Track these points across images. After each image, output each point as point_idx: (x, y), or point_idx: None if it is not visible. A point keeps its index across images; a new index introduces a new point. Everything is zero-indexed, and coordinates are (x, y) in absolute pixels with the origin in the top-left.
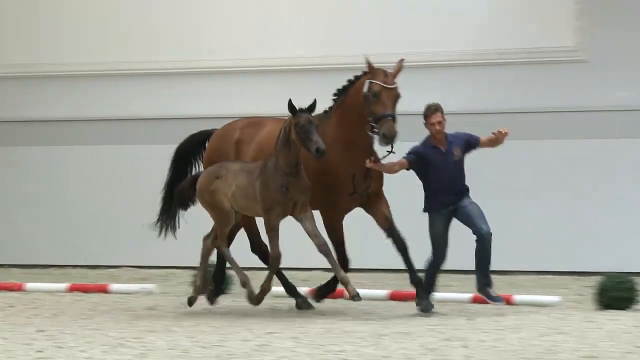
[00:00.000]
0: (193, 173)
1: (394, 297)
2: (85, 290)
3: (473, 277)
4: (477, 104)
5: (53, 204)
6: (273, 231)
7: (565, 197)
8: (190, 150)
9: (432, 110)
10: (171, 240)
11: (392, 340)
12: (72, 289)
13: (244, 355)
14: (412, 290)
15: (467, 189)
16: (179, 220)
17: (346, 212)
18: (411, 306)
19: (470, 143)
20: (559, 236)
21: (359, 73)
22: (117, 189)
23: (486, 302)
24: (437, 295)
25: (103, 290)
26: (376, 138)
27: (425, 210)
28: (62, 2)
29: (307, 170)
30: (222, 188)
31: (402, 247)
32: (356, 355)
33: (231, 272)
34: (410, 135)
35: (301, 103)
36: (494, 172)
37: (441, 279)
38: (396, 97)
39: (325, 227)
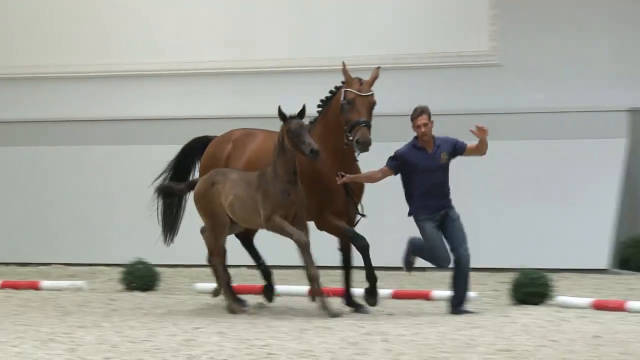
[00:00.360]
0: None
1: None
2: (16, 287)
3: (393, 273)
4: (397, 107)
5: None
6: (282, 228)
7: (480, 197)
8: (192, 155)
9: (417, 113)
10: (99, 238)
11: (314, 334)
12: (4, 286)
13: (171, 349)
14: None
15: (450, 196)
16: (179, 223)
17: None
18: (334, 301)
19: (457, 149)
20: (475, 234)
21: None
22: (48, 188)
23: (405, 298)
24: (355, 290)
25: (34, 287)
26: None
27: (411, 214)
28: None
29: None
30: (219, 196)
31: (362, 254)
32: (280, 349)
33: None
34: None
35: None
36: None
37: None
38: (371, 104)
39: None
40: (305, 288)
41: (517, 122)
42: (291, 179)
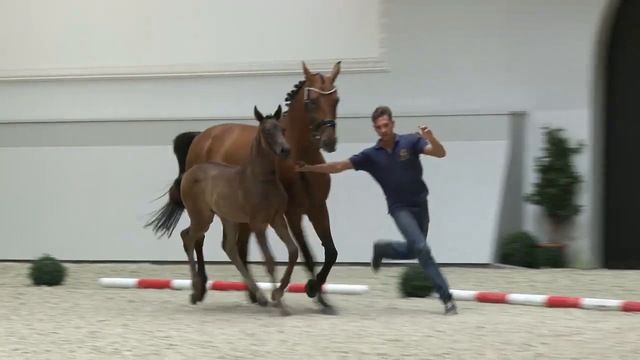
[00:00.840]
0: None
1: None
2: None
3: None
4: None
5: None
6: (260, 237)
7: (369, 196)
8: (179, 152)
9: (377, 113)
10: (8, 235)
11: (214, 326)
12: None
13: (77, 341)
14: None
15: (426, 190)
16: (175, 220)
17: (303, 213)
18: (232, 295)
19: (416, 146)
20: (366, 231)
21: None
22: None
23: (300, 292)
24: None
25: None
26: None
27: (389, 212)
28: None
29: None
30: (202, 194)
31: (329, 260)
32: (181, 340)
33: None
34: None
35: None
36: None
37: (256, 269)
38: (334, 101)
39: (289, 227)
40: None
41: (407, 125)
42: (269, 179)
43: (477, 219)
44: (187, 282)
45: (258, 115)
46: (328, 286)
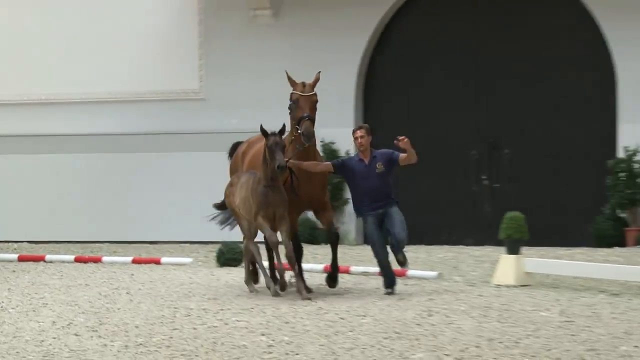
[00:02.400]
0: None
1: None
2: None
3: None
4: (129, 129)
5: None
6: (260, 226)
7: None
8: (231, 157)
9: (357, 127)
10: None
11: (77, 290)
12: None
13: None
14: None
15: (393, 198)
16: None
17: (300, 211)
18: (93, 266)
19: (392, 159)
20: (190, 215)
21: None
22: None
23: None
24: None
25: None
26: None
27: (355, 212)
28: None
29: None
30: (233, 197)
31: (333, 248)
32: (52, 300)
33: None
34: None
35: None
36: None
37: (109, 247)
38: (313, 102)
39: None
40: None
41: (220, 140)
42: (269, 184)
43: None
44: (56, 256)
45: (263, 132)
46: (163, 259)
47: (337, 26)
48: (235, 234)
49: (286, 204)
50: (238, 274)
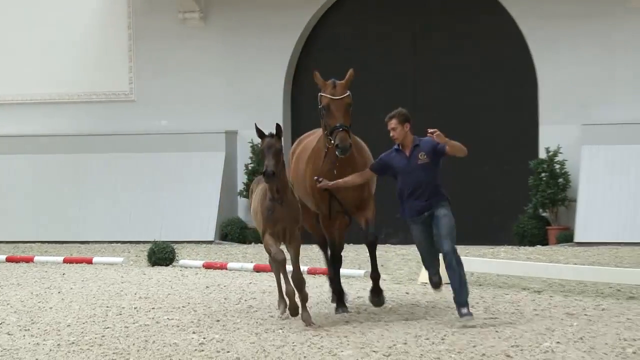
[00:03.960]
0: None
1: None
2: None
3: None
4: (60, 130)
5: None
6: (266, 244)
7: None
8: None
9: (388, 118)
10: None
11: (9, 289)
12: None
13: None
14: None
15: (442, 195)
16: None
17: (331, 217)
18: (25, 266)
19: (436, 149)
20: (120, 214)
21: None
22: None
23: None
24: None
25: None
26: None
27: (400, 215)
28: None
29: None
30: (251, 205)
31: (371, 251)
32: None
33: None
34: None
35: None
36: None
37: (40, 247)
38: (345, 106)
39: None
40: None
41: (150, 141)
42: (275, 197)
43: (204, 207)
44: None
45: (259, 133)
46: (95, 259)
47: (265, 28)
48: (167, 233)
49: (295, 220)
50: (169, 273)
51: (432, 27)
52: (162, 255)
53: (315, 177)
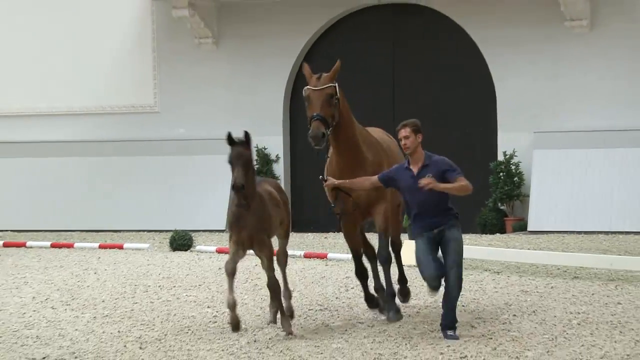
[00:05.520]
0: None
1: None
2: None
3: None
4: (96, 136)
5: None
6: (229, 251)
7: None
8: None
9: (401, 126)
10: None
11: (53, 270)
12: None
13: None
14: None
15: (451, 214)
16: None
17: (355, 221)
18: (66, 251)
19: (447, 176)
20: (147, 207)
21: None
22: None
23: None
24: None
25: None
26: None
27: (410, 238)
28: None
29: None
30: None
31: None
32: (32, 279)
33: None
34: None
35: None
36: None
37: (79, 235)
38: (326, 96)
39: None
40: None
41: (171, 146)
42: (241, 203)
43: (216, 202)
44: (36, 243)
45: (229, 140)
46: (126, 245)
47: (268, 51)
48: (185, 223)
49: (262, 228)
50: (187, 257)
51: (408, 49)
52: (181, 241)
53: (320, 177)
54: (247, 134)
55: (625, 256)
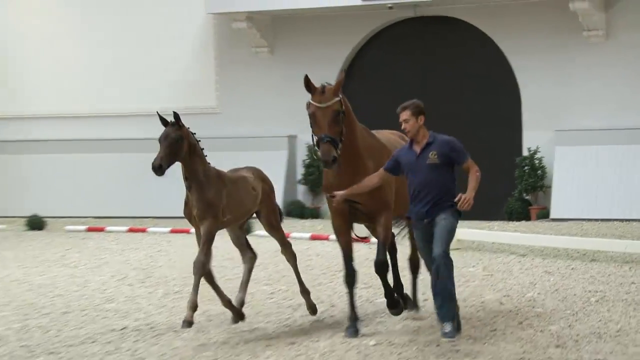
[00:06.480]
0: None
1: None
2: None
3: None
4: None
5: None
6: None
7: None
8: None
9: (401, 109)
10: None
11: (130, 252)
12: None
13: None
14: None
15: (448, 203)
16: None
17: (346, 219)
18: (141, 235)
19: (453, 156)
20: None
21: None
22: None
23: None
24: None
25: None
26: None
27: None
28: None
29: None
30: None
31: (392, 261)
32: (111, 260)
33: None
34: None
35: None
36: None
37: (152, 220)
38: (333, 113)
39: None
40: None
41: (232, 143)
42: (186, 184)
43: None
44: (114, 227)
45: (162, 120)
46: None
47: (316, 58)
48: None
49: (203, 209)
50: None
51: (439, 58)
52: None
53: (328, 195)
54: (175, 115)
55: (638, 241)
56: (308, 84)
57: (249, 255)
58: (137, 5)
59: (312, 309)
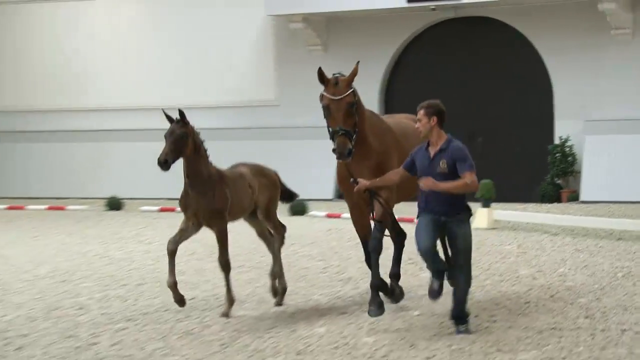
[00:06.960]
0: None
1: None
2: None
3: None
4: (231, 124)
5: None
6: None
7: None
8: None
9: (419, 107)
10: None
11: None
12: None
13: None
14: None
15: (462, 209)
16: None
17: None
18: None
19: (457, 166)
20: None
21: None
22: None
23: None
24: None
25: None
26: None
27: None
28: None
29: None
30: None
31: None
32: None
33: None
34: None
35: None
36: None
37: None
38: (347, 105)
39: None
40: None
41: (290, 133)
42: (186, 182)
43: (325, 177)
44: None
45: (167, 117)
46: None
47: (366, 55)
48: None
49: (205, 207)
50: (303, 220)
51: (478, 57)
52: (298, 208)
53: (352, 180)
54: (181, 112)
55: None
56: (322, 76)
57: (272, 241)
58: (204, 8)
59: (274, 292)
